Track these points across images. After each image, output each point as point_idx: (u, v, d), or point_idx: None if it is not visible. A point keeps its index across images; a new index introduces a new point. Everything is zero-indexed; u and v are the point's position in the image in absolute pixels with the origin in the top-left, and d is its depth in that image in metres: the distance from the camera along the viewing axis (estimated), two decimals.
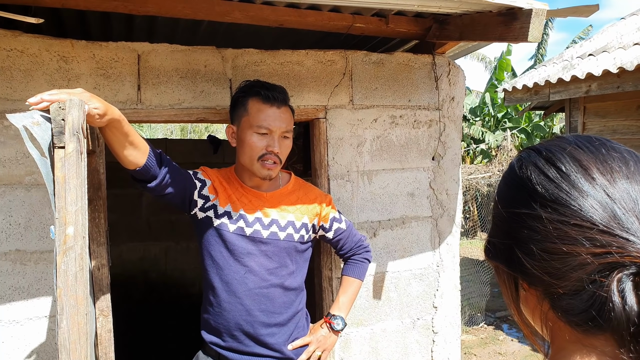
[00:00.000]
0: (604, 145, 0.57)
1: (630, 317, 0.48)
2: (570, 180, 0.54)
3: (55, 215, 0.97)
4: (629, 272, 0.48)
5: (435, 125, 2.31)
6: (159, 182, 1.47)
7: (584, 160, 0.55)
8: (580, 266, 0.51)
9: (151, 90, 1.84)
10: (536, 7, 1.50)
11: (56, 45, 1.69)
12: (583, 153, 0.56)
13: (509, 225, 0.58)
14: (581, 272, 0.50)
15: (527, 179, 0.57)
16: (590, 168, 0.54)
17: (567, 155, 0.56)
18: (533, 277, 0.55)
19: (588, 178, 0.53)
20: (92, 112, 1.14)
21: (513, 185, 0.60)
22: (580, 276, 0.51)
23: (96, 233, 1.71)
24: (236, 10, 1.82)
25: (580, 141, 0.58)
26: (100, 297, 1.73)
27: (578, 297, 0.51)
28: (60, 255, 0.96)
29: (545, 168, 0.56)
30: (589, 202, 0.52)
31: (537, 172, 0.56)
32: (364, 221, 2.19)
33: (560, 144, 0.58)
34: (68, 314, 0.98)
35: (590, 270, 0.50)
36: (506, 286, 0.61)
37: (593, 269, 0.50)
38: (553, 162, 0.56)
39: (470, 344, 4.97)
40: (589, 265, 0.50)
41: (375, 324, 2.24)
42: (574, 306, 0.52)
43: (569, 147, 0.57)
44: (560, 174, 0.55)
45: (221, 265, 1.61)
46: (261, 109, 1.58)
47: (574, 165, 0.55)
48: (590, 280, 0.50)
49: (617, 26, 5.04)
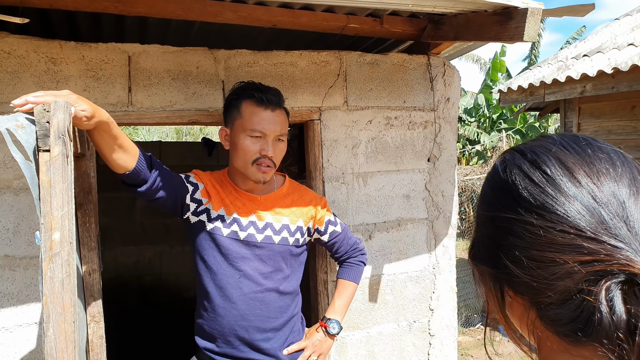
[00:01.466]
0: (590, 145, 0.54)
1: (619, 327, 0.46)
2: (555, 184, 0.51)
3: (41, 221, 0.94)
4: (617, 280, 0.46)
5: (430, 127, 2.29)
6: (150, 186, 1.44)
7: (570, 162, 0.53)
8: (567, 275, 0.48)
9: (142, 92, 1.81)
10: (532, 7, 1.49)
11: (44, 46, 1.66)
12: (569, 155, 0.53)
13: (494, 229, 0.56)
14: (568, 281, 0.48)
15: (511, 183, 0.55)
16: (576, 170, 0.52)
17: (552, 157, 0.54)
18: (519, 285, 0.53)
19: (574, 181, 0.51)
20: (79, 115, 1.11)
21: (497, 188, 0.57)
22: (568, 285, 0.48)
23: (87, 238, 1.68)
24: (228, 11, 1.79)
25: (565, 142, 0.55)
26: (91, 302, 1.70)
27: (565, 306, 0.49)
28: (46, 261, 0.93)
29: (530, 171, 0.54)
30: (575, 207, 0.50)
31: (522, 176, 0.54)
32: (360, 223, 2.17)
33: (545, 145, 0.56)
34: (55, 322, 0.95)
35: (578, 279, 0.48)
36: (491, 291, 0.59)
37: (580, 277, 0.48)
38: (538, 165, 0.54)
39: (467, 345, 4.95)
40: (576, 273, 0.48)
41: (371, 328, 2.21)
42: (562, 316, 0.50)
43: (554, 148, 0.54)
44: (546, 178, 0.52)
45: (215, 270, 1.58)
46: (255, 112, 1.55)
47: (560, 168, 0.52)
48: (578, 290, 0.48)
49: (611, 27, 5.05)
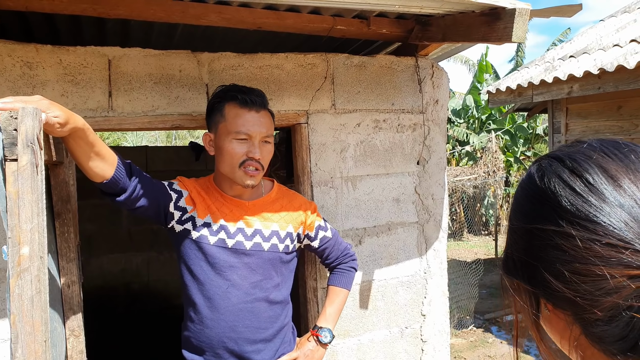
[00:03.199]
0: (633, 151, 0.51)
1: None
2: (599, 194, 0.48)
3: (8, 235, 0.88)
4: None
5: (419, 129, 2.26)
6: (129, 195, 1.39)
7: (613, 169, 0.49)
8: (615, 290, 0.45)
9: (123, 96, 1.76)
10: (519, 7, 1.46)
11: (19, 50, 1.60)
12: (611, 161, 0.50)
13: (531, 241, 0.53)
14: (616, 297, 0.45)
15: (550, 192, 0.51)
16: (621, 178, 0.48)
17: (594, 165, 0.50)
18: (561, 300, 0.50)
19: (619, 190, 0.48)
20: (52, 121, 1.05)
21: (534, 198, 0.54)
22: (616, 301, 0.45)
23: (65, 249, 1.62)
24: (212, 13, 1.75)
25: (606, 147, 0.52)
26: (70, 316, 1.63)
27: (614, 323, 0.46)
28: (13, 278, 0.88)
29: (571, 180, 0.50)
30: (621, 217, 0.46)
31: (562, 185, 0.51)
32: (349, 228, 2.13)
33: (585, 152, 0.52)
34: (24, 342, 0.90)
35: (626, 295, 0.44)
36: (526, 304, 0.55)
37: (629, 292, 0.44)
38: (579, 173, 0.50)
39: (460, 347, 4.93)
40: (625, 288, 0.45)
41: (363, 335, 2.17)
42: (610, 333, 0.46)
43: (595, 155, 0.51)
44: (588, 187, 0.49)
45: (202, 280, 1.53)
46: (239, 113, 1.51)
47: (603, 176, 0.49)
48: (627, 306, 0.45)
49: (597, 28, 5.07)
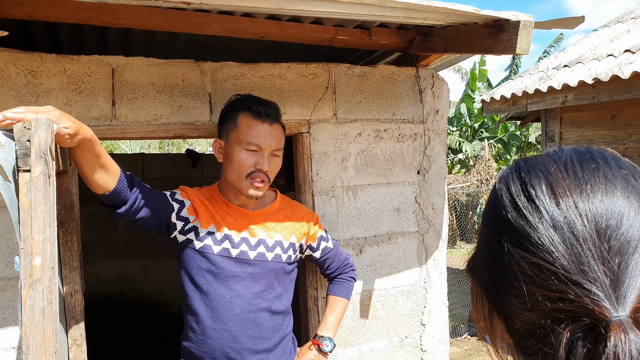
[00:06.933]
0: (597, 169, 0.48)
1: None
2: (537, 211, 0.48)
3: (20, 245, 0.88)
4: (582, 325, 0.43)
5: (420, 139, 2.28)
6: (129, 208, 1.39)
7: (560, 187, 0.48)
8: (534, 307, 0.46)
9: (126, 105, 1.76)
10: (523, 19, 1.48)
11: (24, 59, 1.60)
12: (565, 177, 0.49)
13: (483, 245, 0.54)
14: (535, 314, 0.46)
15: (499, 201, 0.52)
16: (564, 197, 0.47)
17: (543, 180, 0.49)
18: (495, 306, 0.51)
19: (557, 209, 0.47)
20: (62, 132, 1.05)
21: (489, 204, 0.55)
22: (533, 318, 0.46)
23: (69, 257, 1.61)
24: (215, 22, 1.76)
25: (571, 159, 0.50)
26: (73, 325, 1.62)
27: (533, 338, 0.47)
28: (25, 289, 0.88)
29: (517, 194, 0.50)
30: (552, 239, 0.46)
31: (509, 197, 0.51)
32: (350, 238, 2.13)
33: (547, 163, 0.51)
34: (35, 354, 0.89)
35: (543, 314, 0.45)
36: (478, 305, 0.57)
37: (545, 312, 0.45)
38: (526, 187, 0.50)
39: (455, 356, 4.93)
40: (542, 308, 0.45)
41: (363, 344, 2.17)
42: (529, 346, 0.48)
43: (554, 168, 0.50)
44: (530, 202, 0.49)
45: (205, 290, 1.52)
46: (252, 124, 1.51)
47: (547, 194, 0.48)
48: (541, 325, 0.45)
49: (590, 38, 5.14)
